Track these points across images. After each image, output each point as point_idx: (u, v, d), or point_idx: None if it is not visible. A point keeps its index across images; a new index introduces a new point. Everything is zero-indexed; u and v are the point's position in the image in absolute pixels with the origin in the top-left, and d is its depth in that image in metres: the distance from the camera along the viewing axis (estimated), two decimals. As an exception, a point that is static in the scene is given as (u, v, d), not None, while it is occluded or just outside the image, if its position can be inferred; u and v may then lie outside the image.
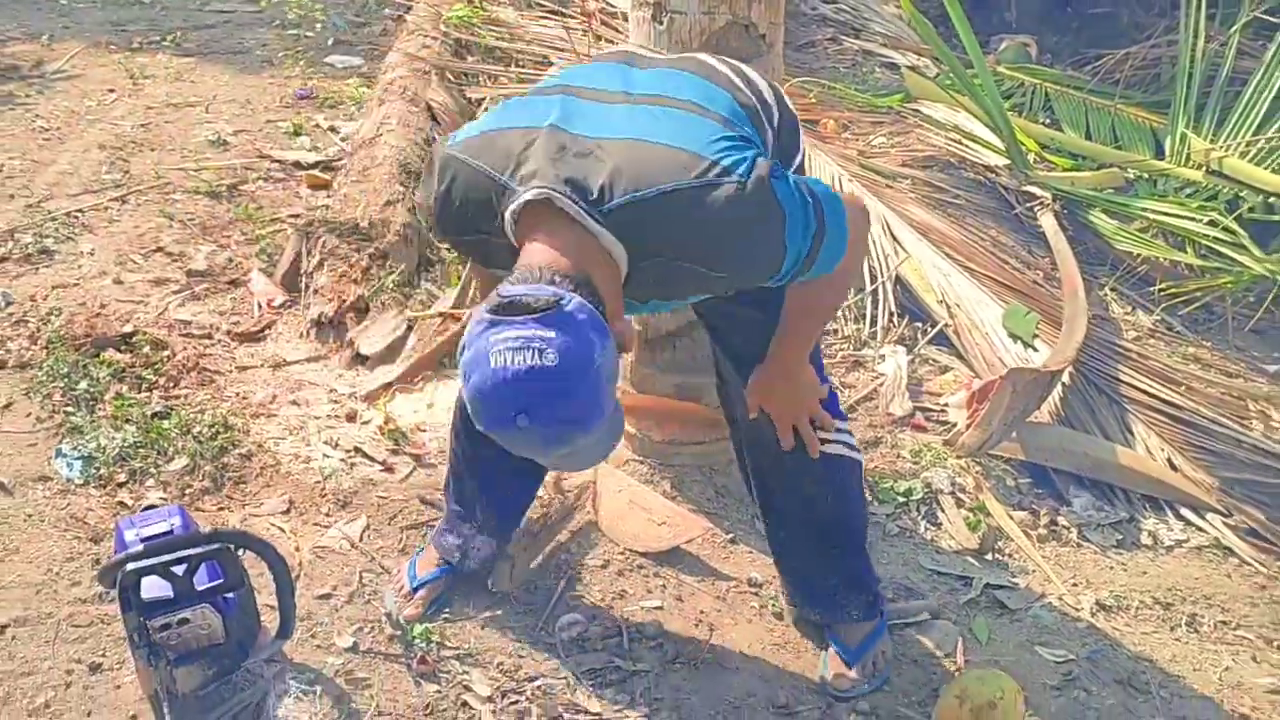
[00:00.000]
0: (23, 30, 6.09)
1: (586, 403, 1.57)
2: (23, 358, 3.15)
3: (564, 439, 1.59)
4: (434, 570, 2.45)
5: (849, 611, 2.34)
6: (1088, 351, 3.46)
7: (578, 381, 1.55)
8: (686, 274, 1.77)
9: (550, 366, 1.52)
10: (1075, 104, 5.19)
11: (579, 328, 1.56)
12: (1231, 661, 2.52)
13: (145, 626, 2.06)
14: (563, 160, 1.71)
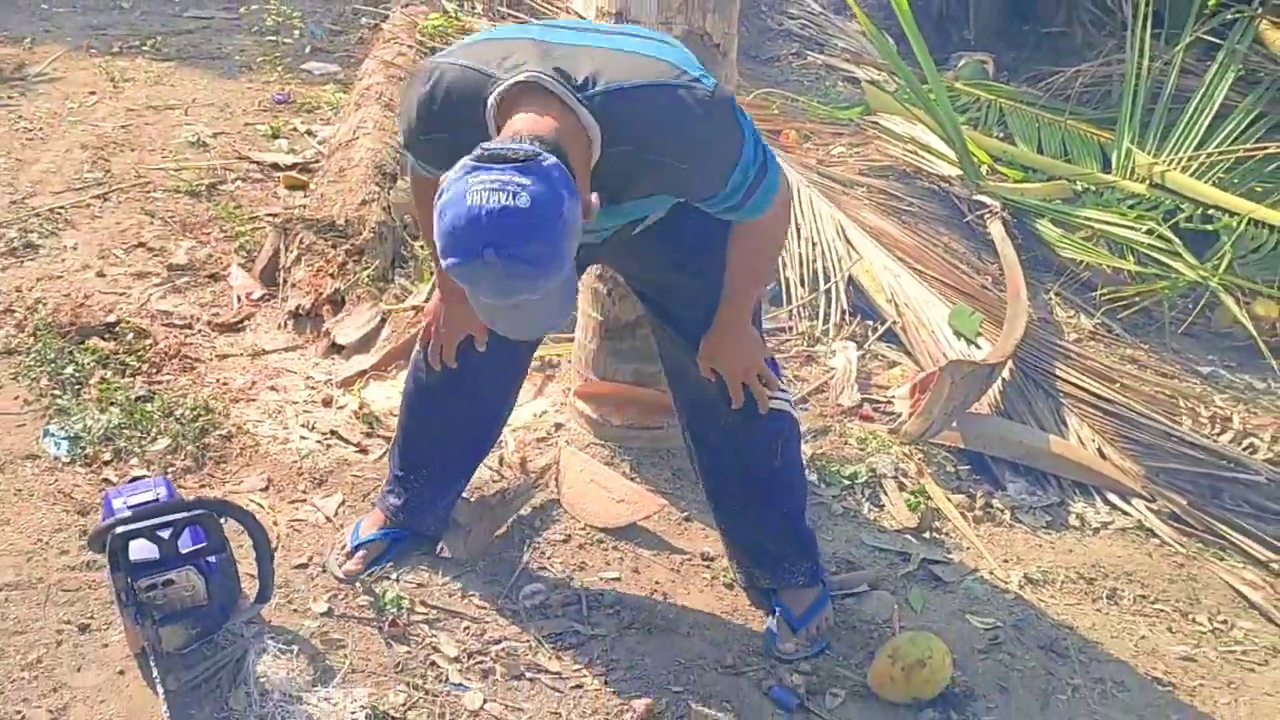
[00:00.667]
0: (4, 34, 6.19)
1: (550, 248, 1.70)
2: (9, 344, 3.28)
3: (522, 280, 1.71)
4: (375, 532, 2.62)
5: (795, 577, 2.51)
6: (1029, 350, 3.66)
7: (545, 225, 1.68)
8: (650, 168, 1.92)
9: (522, 208, 1.66)
10: (1028, 119, 5.42)
11: (552, 181, 1.70)
12: (1148, 631, 2.71)
13: (133, 587, 2.21)
14: (548, 57, 1.87)
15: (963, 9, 6.59)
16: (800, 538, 2.52)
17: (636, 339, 2.94)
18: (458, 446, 2.61)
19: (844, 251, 3.99)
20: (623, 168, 1.92)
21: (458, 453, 2.63)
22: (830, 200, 4.29)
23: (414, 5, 5.97)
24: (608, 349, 2.98)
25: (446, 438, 2.58)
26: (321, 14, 6.77)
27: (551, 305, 1.82)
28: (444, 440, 2.58)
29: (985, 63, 6.15)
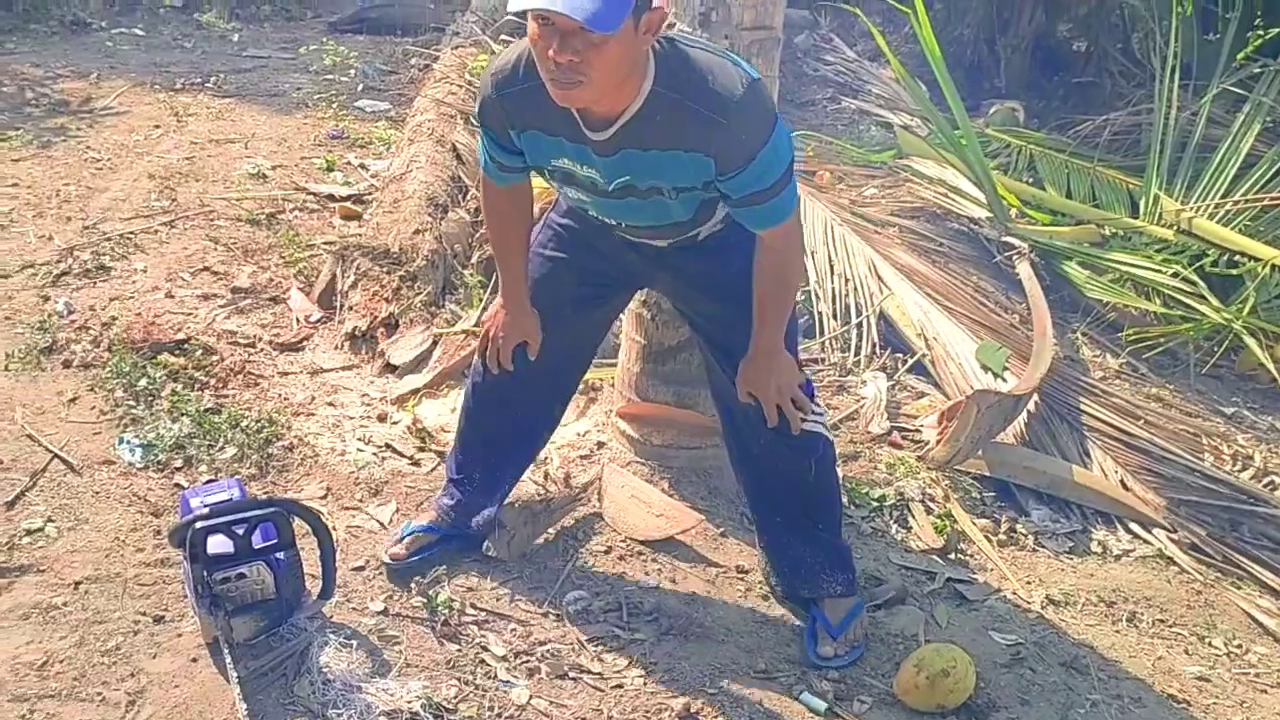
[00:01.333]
0: (72, 69, 6.49)
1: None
2: (86, 359, 3.48)
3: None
4: (425, 524, 2.79)
5: (833, 587, 2.64)
6: (1054, 385, 3.79)
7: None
8: (688, 116, 2.07)
9: None
10: (1057, 165, 5.57)
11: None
12: (1165, 652, 2.82)
13: (208, 580, 2.38)
14: None
15: (994, 59, 6.77)
16: (837, 550, 2.66)
17: (678, 362, 3.10)
18: (506, 452, 2.80)
19: (875, 287, 4.14)
20: (663, 109, 2.08)
21: (505, 459, 2.81)
22: (863, 238, 4.45)
23: (463, 46, 6.22)
24: (649, 371, 3.14)
25: (497, 443, 2.77)
26: (373, 55, 7.05)
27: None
28: (495, 445, 2.77)
29: (1016, 110, 6.31)
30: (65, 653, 2.42)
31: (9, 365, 3.41)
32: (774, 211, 2.22)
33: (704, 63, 2.10)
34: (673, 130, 2.12)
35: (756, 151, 2.11)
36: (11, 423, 3.15)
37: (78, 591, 2.59)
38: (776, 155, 2.14)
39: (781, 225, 2.26)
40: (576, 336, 2.70)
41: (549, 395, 2.77)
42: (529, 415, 2.76)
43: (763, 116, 2.11)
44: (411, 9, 8.16)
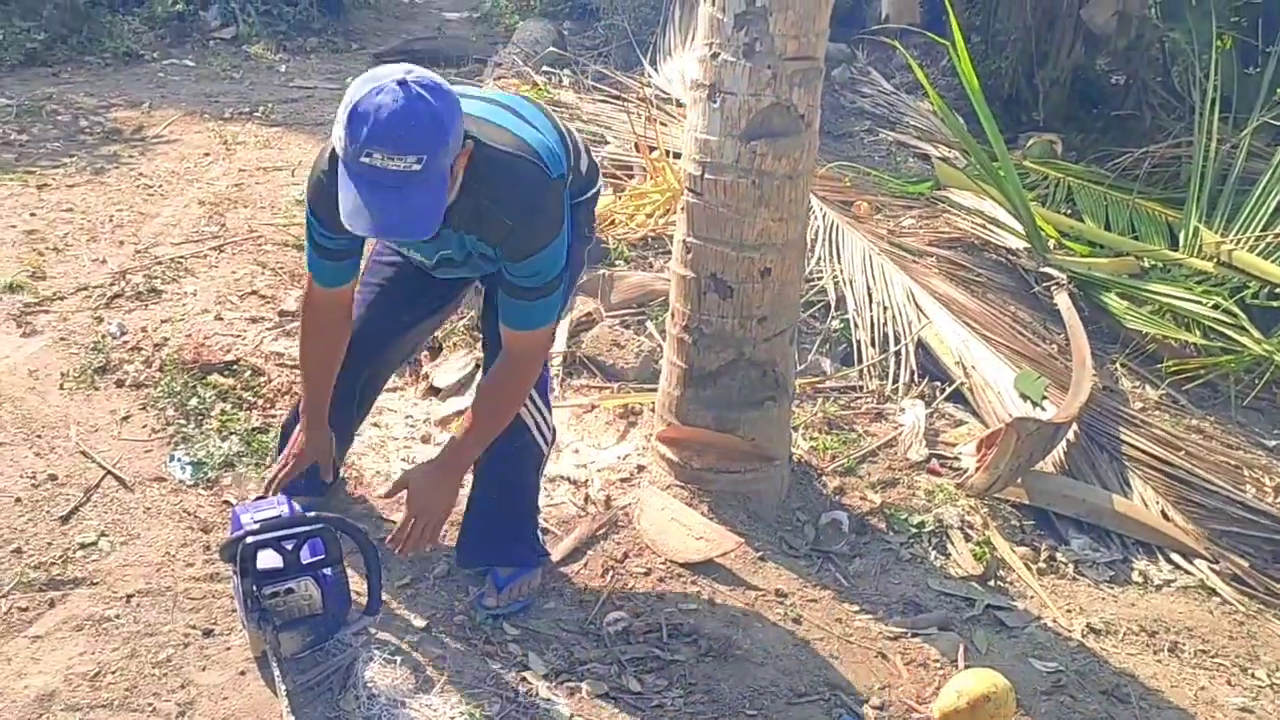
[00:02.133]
0: (124, 99, 6.64)
1: (444, 125, 2.02)
2: (138, 379, 3.56)
3: (419, 124, 1.99)
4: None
5: (512, 558, 2.78)
6: (1094, 415, 3.79)
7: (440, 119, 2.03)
8: (488, 215, 2.25)
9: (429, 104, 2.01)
10: (1096, 197, 5.57)
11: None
12: (1207, 682, 2.80)
13: (258, 594, 2.43)
14: None
15: (1032, 91, 6.77)
16: (517, 528, 2.80)
17: (718, 386, 3.13)
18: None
19: (914, 315, 4.16)
20: (468, 202, 2.22)
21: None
22: (901, 267, 4.47)
23: (505, 78, 6.33)
24: (690, 396, 3.17)
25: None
26: (417, 85, 7.16)
27: (427, 196, 2.05)
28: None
29: (1054, 143, 6.32)
30: (117, 664, 2.47)
31: (64, 384, 3.49)
32: (532, 313, 2.36)
33: (505, 164, 2.22)
34: (474, 219, 2.27)
35: (540, 250, 2.28)
36: (66, 440, 3.23)
37: (129, 604, 2.65)
38: (551, 262, 2.31)
39: (531, 332, 2.39)
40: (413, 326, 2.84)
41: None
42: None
43: (550, 218, 2.29)
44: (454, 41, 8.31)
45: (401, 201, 2.03)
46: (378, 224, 2.07)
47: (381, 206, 2.04)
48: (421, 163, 2.00)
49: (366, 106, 1.99)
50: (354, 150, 2.00)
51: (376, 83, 2.01)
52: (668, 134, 5.27)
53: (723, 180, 2.97)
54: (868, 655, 2.75)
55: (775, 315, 3.11)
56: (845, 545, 3.15)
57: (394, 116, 1.98)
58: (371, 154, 1.99)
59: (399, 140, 1.99)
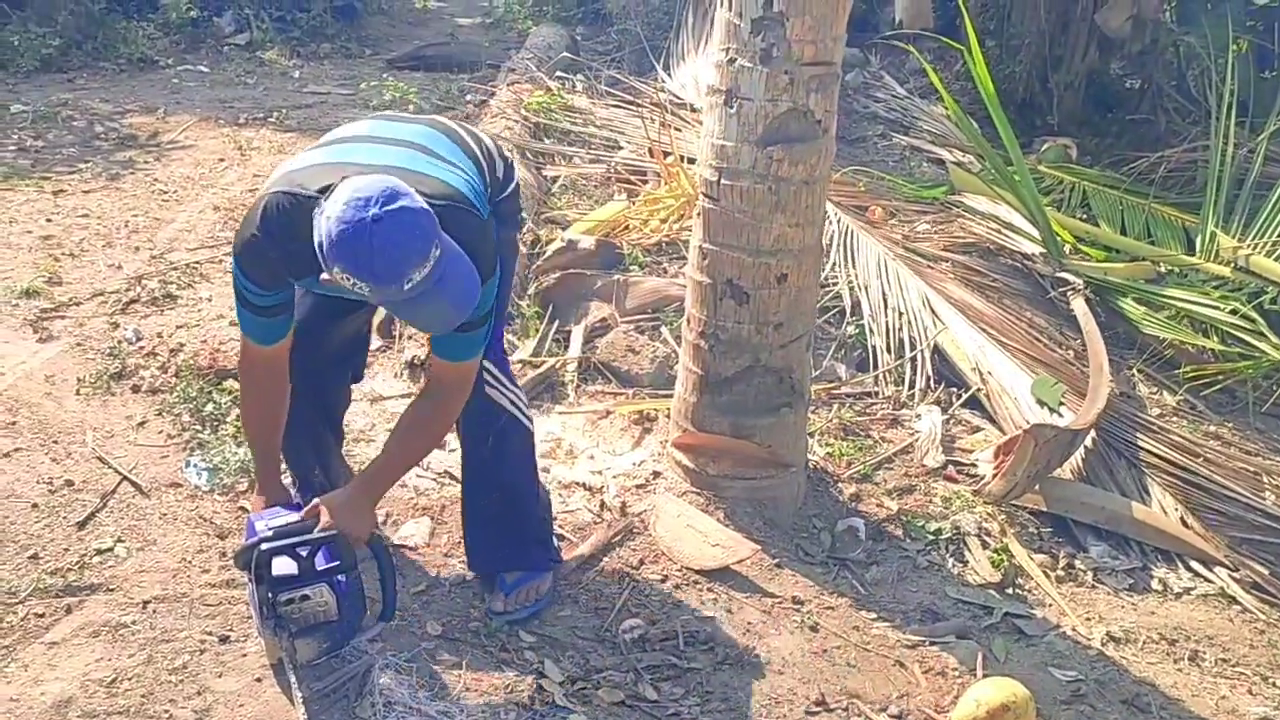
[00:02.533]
0: (139, 104, 6.68)
1: (426, 217, 2.12)
2: (154, 384, 3.57)
3: (412, 234, 2.09)
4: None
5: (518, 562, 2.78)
6: (1111, 421, 3.76)
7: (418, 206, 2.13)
8: None
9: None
10: (1111, 201, 5.54)
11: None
12: (1228, 692, 2.78)
13: (274, 601, 2.42)
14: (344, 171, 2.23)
15: (1047, 96, 6.76)
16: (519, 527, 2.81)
17: (734, 393, 3.12)
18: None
19: (929, 321, 4.14)
20: None
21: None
22: (916, 273, 4.46)
23: (519, 83, 6.34)
24: (706, 402, 3.16)
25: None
26: (430, 91, 7.18)
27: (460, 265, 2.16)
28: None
29: (1069, 147, 6.29)
30: (134, 670, 2.47)
31: (80, 389, 3.50)
32: (465, 345, 2.40)
33: (443, 217, 2.21)
34: None
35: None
36: (83, 445, 3.23)
37: (146, 611, 2.65)
38: (487, 297, 2.34)
39: (462, 363, 2.43)
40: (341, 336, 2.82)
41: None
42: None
43: (487, 265, 2.32)
44: (468, 47, 8.33)
45: (454, 285, 2.17)
46: (453, 316, 2.22)
47: (446, 300, 2.17)
48: (438, 248, 2.13)
49: (371, 253, 2.08)
50: (396, 290, 2.11)
51: (355, 228, 2.08)
52: (681, 139, 5.26)
53: (739, 186, 2.96)
54: (885, 663, 2.74)
55: (791, 321, 3.09)
56: (862, 552, 3.14)
57: (398, 245, 2.08)
58: (410, 278, 2.10)
59: (416, 254, 2.10)
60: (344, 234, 2.08)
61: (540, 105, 5.89)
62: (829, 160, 3.03)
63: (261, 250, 2.31)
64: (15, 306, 3.98)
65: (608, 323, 4.05)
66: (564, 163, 5.46)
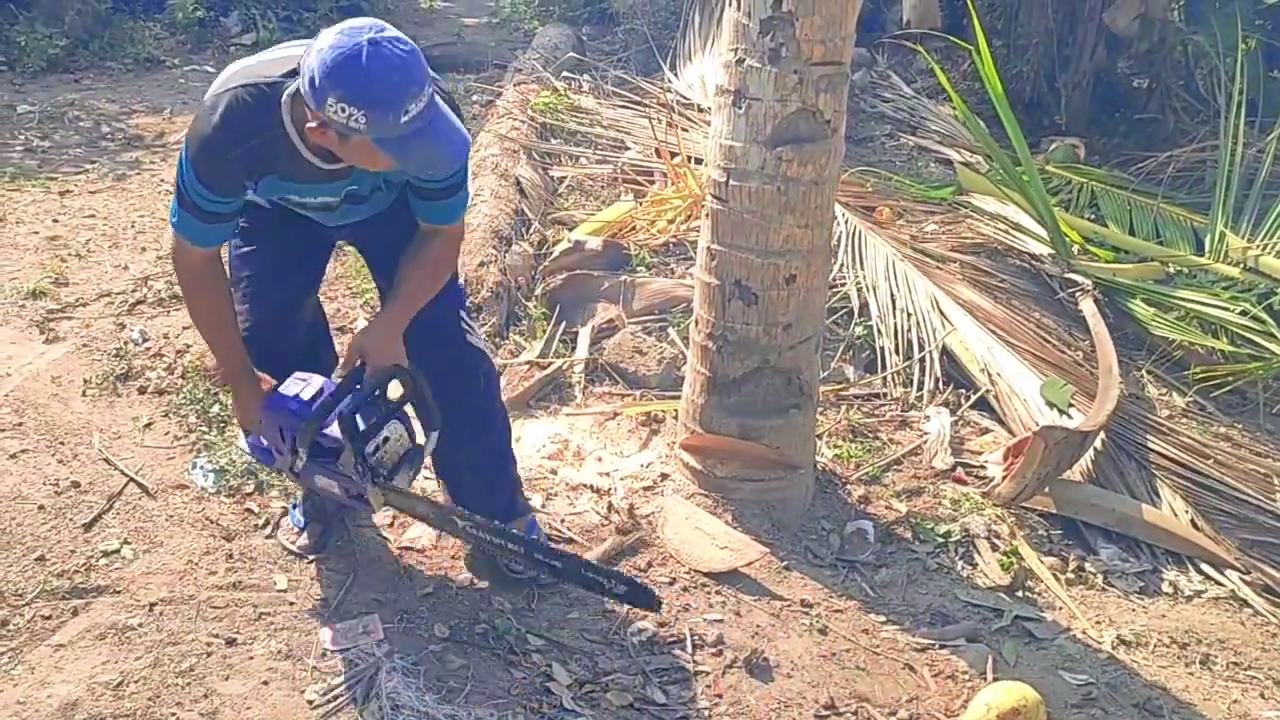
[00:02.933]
0: (146, 105, 6.67)
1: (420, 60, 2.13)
2: (160, 385, 3.56)
3: (411, 58, 2.10)
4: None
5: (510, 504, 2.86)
6: (1121, 423, 3.74)
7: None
8: None
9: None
10: (1120, 201, 5.51)
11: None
12: (1240, 696, 2.76)
13: (365, 454, 2.46)
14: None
15: (1054, 96, 6.73)
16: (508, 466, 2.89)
17: (742, 394, 3.11)
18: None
19: (938, 322, 4.12)
20: None
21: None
22: (924, 274, 4.44)
23: (525, 83, 6.32)
24: (714, 404, 3.15)
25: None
26: (436, 91, 7.16)
27: (448, 123, 2.18)
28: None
29: (1076, 147, 6.26)
30: (140, 673, 2.46)
31: (87, 391, 3.50)
32: (455, 206, 2.48)
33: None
34: None
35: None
36: (89, 447, 3.23)
37: (152, 613, 2.64)
38: (465, 161, 2.40)
39: (456, 224, 2.53)
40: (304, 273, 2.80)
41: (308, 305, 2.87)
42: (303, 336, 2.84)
43: (461, 118, 2.31)
44: (474, 47, 8.31)
45: (447, 128, 2.18)
46: (447, 159, 2.25)
47: (440, 143, 2.18)
48: (430, 85, 2.14)
49: (369, 76, 2.06)
50: (393, 121, 2.09)
51: (350, 51, 2.07)
52: (688, 139, 5.25)
53: (748, 186, 2.95)
54: (895, 667, 2.72)
55: (800, 322, 3.08)
56: (871, 555, 3.12)
57: (396, 68, 2.08)
58: (408, 109, 2.09)
59: (414, 82, 2.10)
60: (339, 58, 2.06)
61: (546, 105, 5.88)
62: (838, 160, 3.02)
63: (221, 149, 2.25)
64: (22, 307, 3.97)
65: (615, 324, 4.04)
66: (570, 163, 5.45)
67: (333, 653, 2.57)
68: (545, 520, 3.09)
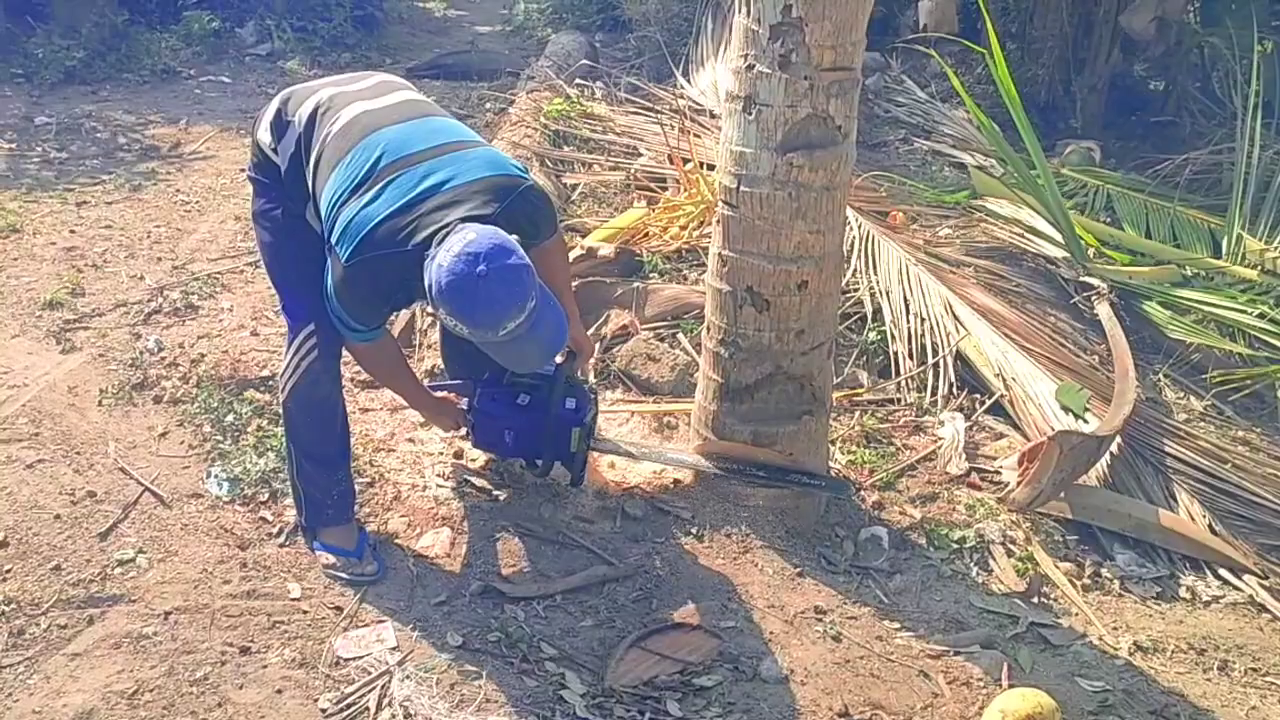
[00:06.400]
0: (162, 115, 6.71)
1: (520, 265, 2.40)
2: (176, 395, 3.58)
3: (515, 286, 2.38)
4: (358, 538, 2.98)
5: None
6: (1137, 427, 3.72)
7: (511, 251, 2.41)
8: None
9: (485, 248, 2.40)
10: (1136, 204, 5.49)
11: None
12: (1259, 702, 2.73)
13: (592, 429, 3.05)
14: (447, 209, 2.51)
15: (1069, 99, 6.71)
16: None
17: (755, 400, 3.10)
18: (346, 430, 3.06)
19: (952, 327, 4.10)
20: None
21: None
22: (938, 278, 4.42)
23: (538, 90, 6.34)
24: (727, 410, 3.14)
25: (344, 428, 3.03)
26: (450, 99, 7.18)
27: (550, 310, 2.46)
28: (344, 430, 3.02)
29: (1092, 150, 6.24)
30: (155, 682, 2.47)
31: (103, 400, 3.52)
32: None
33: (517, 203, 2.62)
34: None
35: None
36: (105, 456, 3.24)
37: (167, 622, 2.66)
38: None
39: (555, 236, 2.90)
40: None
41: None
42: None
43: (553, 210, 2.86)
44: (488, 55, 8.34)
45: (543, 331, 2.46)
46: (538, 359, 2.64)
47: (532, 348, 2.50)
48: (534, 299, 2.41)
49: (474, 304, 2.38)
50: (492, 335, 2.42)
51: (463, 281, 2.36)
52: (701, 145, 5.25)
53: (759, 193, 2.95)
54: (909, 674, 2.71)
55: (812, 328, 3.07)
56: (885, 561, 3.11)
57: (498, 300, 2.37)
58: (505, 326, 2.39)
59: (514, 305, 2.39)
60: (453, 284, 2.36)
61: (559, 112, 5.89)
62: (849, 166, 3.01)
63: (375, 304, 2.66)
64: (39, 318, 4.00)
65: (627, 330, 4.03)
66: (583, 170, 5.45)
67: (346, 661, 2.58)
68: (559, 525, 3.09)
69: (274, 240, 2.87)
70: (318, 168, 2.67)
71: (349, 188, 2.58)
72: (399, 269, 2.51)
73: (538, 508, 3.17)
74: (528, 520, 3.12)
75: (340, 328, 2.71)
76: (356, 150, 2.62)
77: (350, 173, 2.60)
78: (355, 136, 2.65)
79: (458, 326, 2.43)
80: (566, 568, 2.97)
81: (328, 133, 2.68)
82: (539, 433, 3.01)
